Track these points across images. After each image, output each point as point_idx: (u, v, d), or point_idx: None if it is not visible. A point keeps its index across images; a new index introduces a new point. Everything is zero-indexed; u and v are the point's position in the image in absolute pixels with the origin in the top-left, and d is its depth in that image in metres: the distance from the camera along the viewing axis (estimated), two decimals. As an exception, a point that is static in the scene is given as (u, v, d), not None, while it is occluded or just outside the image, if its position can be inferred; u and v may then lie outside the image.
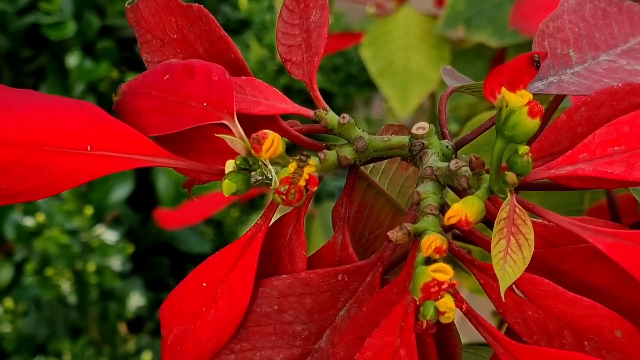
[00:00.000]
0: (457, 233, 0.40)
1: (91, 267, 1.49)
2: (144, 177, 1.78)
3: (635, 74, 0.38)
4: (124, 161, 0.34)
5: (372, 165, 0.43)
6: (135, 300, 1.57)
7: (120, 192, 1.68)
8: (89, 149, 0.34)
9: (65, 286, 1.47)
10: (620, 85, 0.34)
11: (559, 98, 0.43)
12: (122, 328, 1.60)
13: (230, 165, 0.34)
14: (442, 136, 0.39)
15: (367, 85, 1.98)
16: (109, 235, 1.54)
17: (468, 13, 1.10)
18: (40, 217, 1.51)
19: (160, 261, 1.77)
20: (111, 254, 1.50)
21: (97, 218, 1.60)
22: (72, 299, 1.51)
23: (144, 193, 1.79)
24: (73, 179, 0.34)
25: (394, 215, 0.44)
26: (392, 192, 0.44)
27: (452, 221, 0.32)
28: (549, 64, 0.38)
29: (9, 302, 1.52)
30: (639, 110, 0.33)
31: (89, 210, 1.53)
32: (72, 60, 1.85)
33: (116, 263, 1.52)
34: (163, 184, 1.72)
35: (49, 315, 1.55)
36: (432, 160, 0.36)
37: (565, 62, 0.38)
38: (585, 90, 0.37)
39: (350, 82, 2.03)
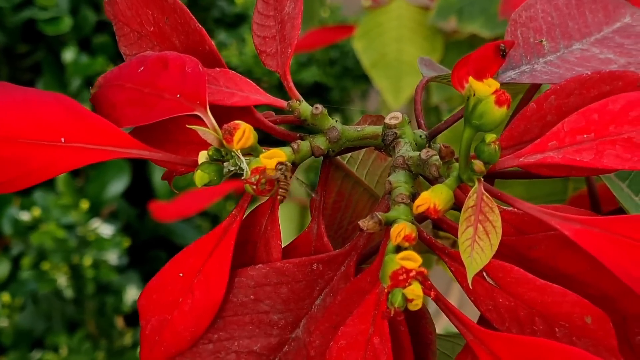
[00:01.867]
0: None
1: (87, 261, 1.49)
2: (140, 172, 1.79)
3: (608, 63, 0.38)
4: (98, 153, 0.34)
5: (349, 155, 0.44)
6: (132, 294, 1.58)
7: (117, 186, 1.68)
8: (62, 141, 0.34)
9: (62, 280, 1.48)
10: (589, 73, 0.34)
11: (535, 87, 0.43)
12: (119, 322, 1.60)
13: (203, 156, 0.34)
14: (418, 126, 0.40)
15: (364, 78, 1.99)
16: (105, 229, 1.55)
17: (460, 4, 1.11)
18: (37, 212, 1.51)
19: (157, 255, 1.77)
20: (107, 248, 1.51)
21: (94, 212, 1.60)
22: (68, 293, 1.51)
23: (141, 187, 1.79)
24: (49, 170, 0.35)
25: (373, 204, 0.44)
26: (370, 182, 0.44)
27: (421, 209, 0.32)
28: (522, 53, 0.38)
29: (6, 297, 1.53)
30: (608, 99, 0.33)
31: (84, 205, 1.54)
32: (69, 55, 1.85)
33: (112, 257, 1.52)
34: (159, 178, 1.72)
35: (46, 310, 1.56)
36: (405, 149, 0.36)
37: (538, 51, 0.38)
38: (557, 79, 0.37)
39: (347, 75, 2.03)
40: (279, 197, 0.34)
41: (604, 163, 0.33)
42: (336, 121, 0.37)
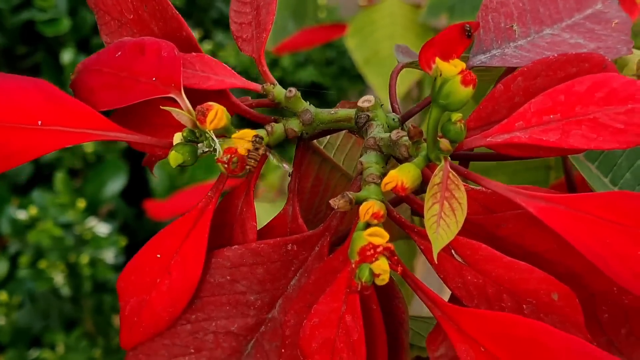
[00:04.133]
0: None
1: (84, 259, 1.50)
2: (137, 171, 1.79)
3: (578, 47, 0.39)
4: (75, 135, 0.35)
5: (326, 140, 0.44)
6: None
7: (114, 185, 1.69)
8: (40, 124, 0.35)
9: (59, 278, 1.49)
10: (556, 55, 0.35)
11: (509, 72, 0.43)
12: (116, 320, 1.61)
13: (177, 137, 0.35)
14: (392, 110, 0.40)
15: (360, 78, 1.99)
16: (102, 228, 1.55)
17: (451, 1, 1.11)
18: (34, 210, 1.52)
19: (155, 254, 1.77)
20: (104, 247, 1.52)
21: (91, 211, 1.61)
22: (65, 291, 1.52)
23: (138, 187, 1.80)
24: (27, 153, 0.35)
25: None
26: (348, 167, 0.45)
27: (389, 187, 0.33)
28: (492, 38, 0.39)
29: (3, 295, 1.54)
30: (575, 80, 0.34)
31: (82, 204, 1.54)
32: (67, 56, 1.86)
33: (109, 255, 1.53)
34: (157, 178, 1.73)
35: (44, 308, 1.56)
36: (377, 131, 0.37)
37: (509, 36, 0.39)
38: (527, 62, 0.37)
39: (343, 75, 2.04)
40: (247, 166, 0.34)
41: (570, 143, 0.33)
42: (309, 104, 0.38)
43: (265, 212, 1.19)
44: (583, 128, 0.33)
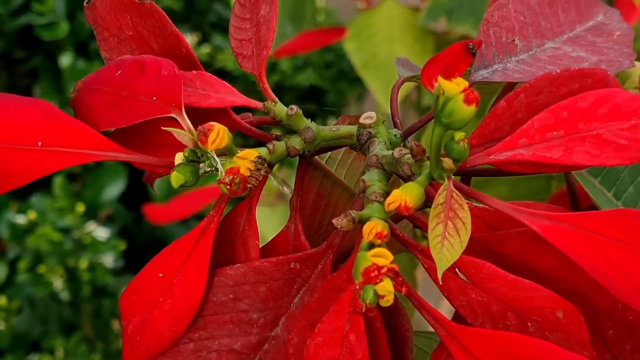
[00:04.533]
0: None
1: (83, 263, 1.50)
2: (136, 176, 1.79)
3: (580, 61, 0.38)
4: (75, 156, 0.35)
5: (328, 155, 0.44)
6: (128, 297, 1.57)
7: (113, 190, 1.69)
8: (40, 145, 0.34)
9: (58, 283, 1.48)
10: (559, 71, 0.35)
11: (510, 87, 0.43)
12: (115, 324, 1.61)
13: (179, 157, 0.35)
14: (394, 125, 0.40)
15: (359, 81, 1.99)
16: (101, 233, 1.55)
17: (450, 5, 1.11)
18: (32, 215, 1.52)
19: (154, 258, 1.77)
20: (103, 251, 1.51)
21: (90, 216, 1.61)
22: (64, 295, 1.52)
23: (137, 191, 1.79)
24: (27, 174, 0.35)
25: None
26: (349, 182, 0.45)
27: (392, 207, 0.32)
28: (494, 52, 0.39)
29: (2, 300, 1.53)
30: (578, 96, 0.34)
31: (80, 208, 1.54)
32: (66, 60, 1.86)
33: (108, 260, 1.53)
34: (155, 182, 1.72)
35: (43, 313, 1.56)
36: (379, 148, 0.37)
37: (510, 50, 0.39)
38: (529, 77, 0.37)
39: (342, 79, 2.03)
40: (248, 185, 0.34)
41: (573, 159, 0.33)
42: (311, 121, 0.38)
43: (265, 216, 1.19)
44: (586, 144, 0.33)
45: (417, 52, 1.18)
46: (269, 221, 1.12)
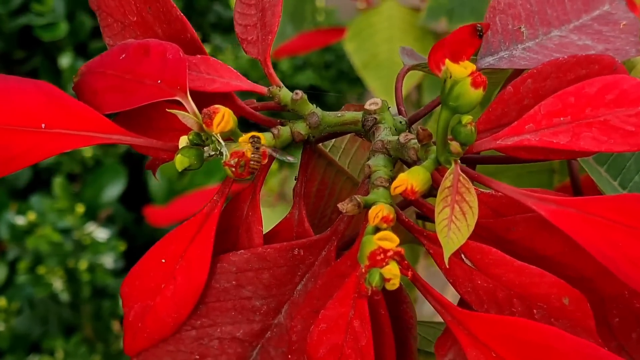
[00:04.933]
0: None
1: (83, 264, 1.49)
2: (136, 176, 1.79)
3: (586, 49, 0.38)
4: (79, 138, 0.35)
5: (332, 143, 0.44)
6: (128, 298, 1.57)
7: (113, 190, 1.68)
8: (43, 127, 0.34)
9: (58, 284, 1.48)
10: (566, 57, 0.34)
11: (516, 75, 0.43)
12: (115, 325, 1.60)
13: (183, 140, 0.35)
14: (399, 112, 0.40)
15: (359, 81, 1.99)
16: (101, 233, 1.55)
17: (450, 5, 1.11)
18: (32, 216, 1.52)
19: (154, 259, 1.77)
20: (103, 252, 1.51)
21: (90, 216, 1.61)
22: (64, 296, 1.51)
23: (137, 192, 1.79)
24: (31, 156, 0.35)
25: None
26: (353, 170, 0.44)
27: (398, 191, 0.32)
28: (500, 40, 0.38)
29: (2, 301, 1.53)
30: (585, 82, 0.33)
31: (80, 209, 1.54)
32: (65, 60, 1.86)
33: (108, 261, 1.52)
34: (155, 182, 1.72)
35: (42, 314, 1.56)
36: (384, 134, 0.36)
37: (517, 38, 0.39)
38: (536, 64, 0.37)
39: (342, 79, 2.03)
40: (250, 167, 0.34)
41: (580, 145, 0.33)
42: (316, 107, 0.37)
43: (266, 217, 1.18)
44: (593, 130, 0.33)
45: (417, 52, 1.18)
46: (269, 221, 1.11)
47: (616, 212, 0.31)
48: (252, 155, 0.34)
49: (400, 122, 0.38)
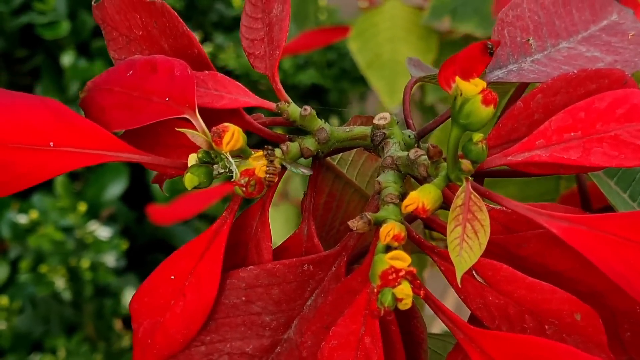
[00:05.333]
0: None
1: (85, 263, 1.49)
2: (138, 175, 1.79)
3: (595, 61, 0.38)
4: (87, 157, 0.35)
5: (339, 156, 0.44)
6: (130, 297, 1.57)
7: (115, 189, 1.68)
8: (51, 145, 0.34)
9: (60, 283, 1.48)
10: (575, 72, 0.34)
11: (523, 87, 0.43)
12: (117, 324, 1.60)
13: (192, 158, 0.34)
14: (407, 126, 0.40)
15: (362, 80, 1.98)
16: (103, 232, 1.54)
17: (453, 4, 1.11)
18: (34, 214, 1.51)
19: (156, 258, 1.77)
20: (105, 251, 1.51)
21: (92, 215, 1.60)
22: (66, 295, 1.51)
23: (139, 190, 1.79)
24: (38, 174, 0.35)
25: (364, 205, 0.44)
26: (361, 182, 0.44)
27: (409, 209, 0.32)
28: (509, 52, 0.38)
29: (4, 300, 1.53)
30: (595, 97, 0.33)
31: (82, 207, 1.54)
32: (67, 59, 1.85)
33: (110, 259, 1.52)
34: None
35: (44, 312, 1.56)
36: (393, 149, 0.36)
37: (525, 50, 0.39)
38: (545, 77, 0.37)
39: (345, 78, 2.02)
40: (265, 181, 0.34)
41: (591, 161, 0.33)
42: (325, 122, 0.37)
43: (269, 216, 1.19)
44: (604, 145, 0.33)
45: (421, 52, 1.18)
46: (273, 220, 1.11)
47: (628, 230, 0.31)
48: (267, 169, 0.34)
49: (409, 136, 0.38)
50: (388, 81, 1.17)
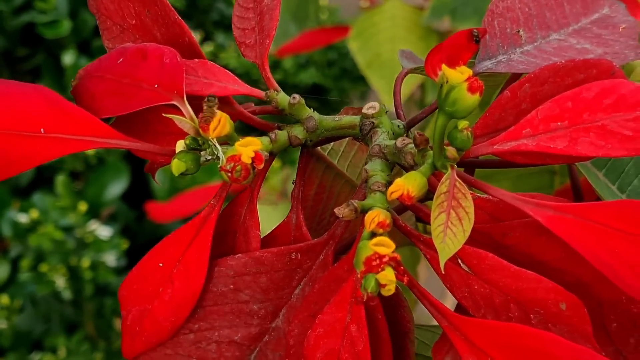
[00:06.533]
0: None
1: (85, 262, 1.49)
2: (139, 174, 1.79)
3: (585, 53, 0.38)
4: (77, 143, 0.35)
5: (330, 147, 0.44)
6: (130, 296, 1.57)
7: (115, 188, 1.69)
8: (42, 132, 0.34)
9: (60, 282, 1.48)
10: (563, 62, 0.34)
11: (514, 79, 0.43)
12: (118, 323, 1.60)
13: (180, 145, 0.35)
14: (397, 116, 0.40)
15: (362, 79, 1.98)
16: (103, 231, 1.55)
17: (453, 4, 1.11)
18: (35, 214, 1.52)
19: (156, 257, 1.77)
20: (105, 250, 1.51)
21: (92, 214, 1.61)
22: (67, 294, 1.52)
23: (140, 189, 1.79)
24: (29, 161, 0.35)
25: (355, 196, 0.44)
26: (352, 174, 0.44)
27: (395, 196, 0.32)
28: (499, 43, 0.38)
29: (4, 299, 1.53)
30: (582, 87, 0.33)
31: (83, 206, 1.54)
32: (68, 58, 1.86)
33: (111, 258, 1.53)
34: (158, 180, 1.72)
35: (45, 311, 1.56)
36: (381, 138, 0.36)
37: (515, 41, 0.39)
38: (534, 68, 0.37)
39: (345, 77, 2.03)
40: (253, 166, 0.34)
41: (578, 150, 0.33)
42: (313, 111, 0.37)
43: (267, 215, 1.19)
44: (591, 135, 0.33)
45: (421, 51, 1.18)
46: (271, 219, 1.12)
47: (614, 219, 0.31)
48: (205, 113, 0.33)
49: (398, 126, 0.38)
50: (388, 81, 1.17)
